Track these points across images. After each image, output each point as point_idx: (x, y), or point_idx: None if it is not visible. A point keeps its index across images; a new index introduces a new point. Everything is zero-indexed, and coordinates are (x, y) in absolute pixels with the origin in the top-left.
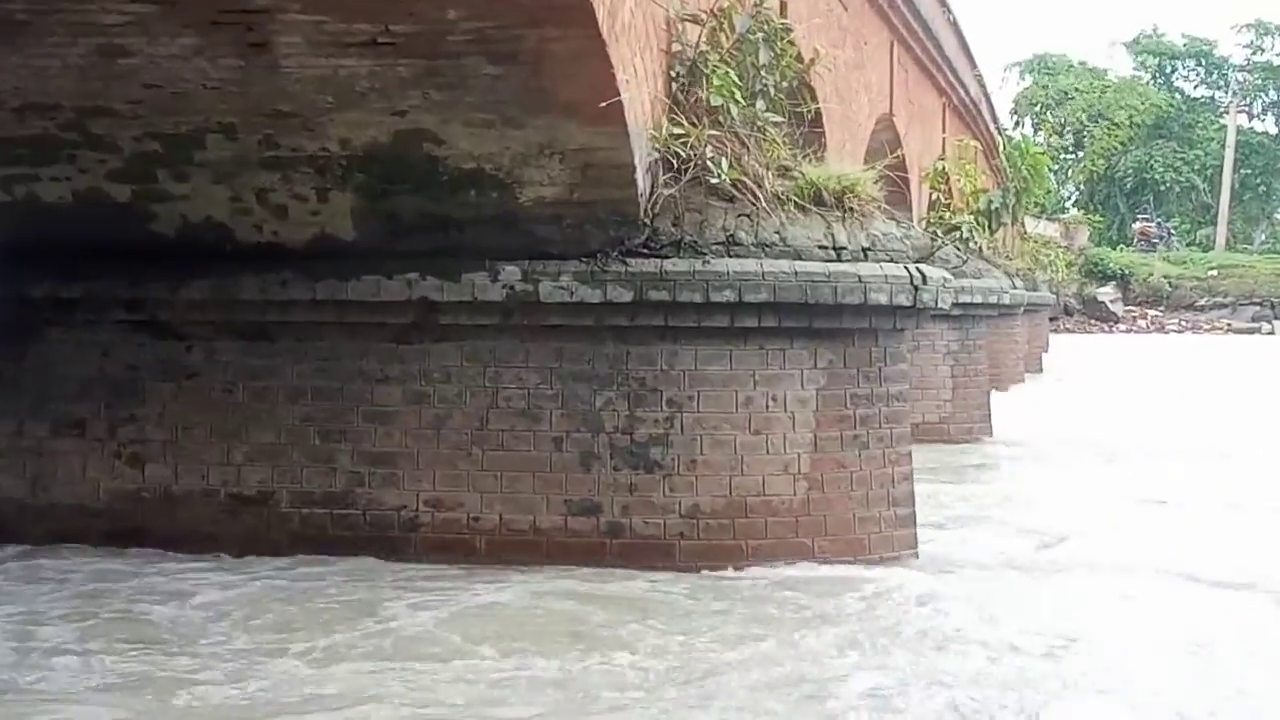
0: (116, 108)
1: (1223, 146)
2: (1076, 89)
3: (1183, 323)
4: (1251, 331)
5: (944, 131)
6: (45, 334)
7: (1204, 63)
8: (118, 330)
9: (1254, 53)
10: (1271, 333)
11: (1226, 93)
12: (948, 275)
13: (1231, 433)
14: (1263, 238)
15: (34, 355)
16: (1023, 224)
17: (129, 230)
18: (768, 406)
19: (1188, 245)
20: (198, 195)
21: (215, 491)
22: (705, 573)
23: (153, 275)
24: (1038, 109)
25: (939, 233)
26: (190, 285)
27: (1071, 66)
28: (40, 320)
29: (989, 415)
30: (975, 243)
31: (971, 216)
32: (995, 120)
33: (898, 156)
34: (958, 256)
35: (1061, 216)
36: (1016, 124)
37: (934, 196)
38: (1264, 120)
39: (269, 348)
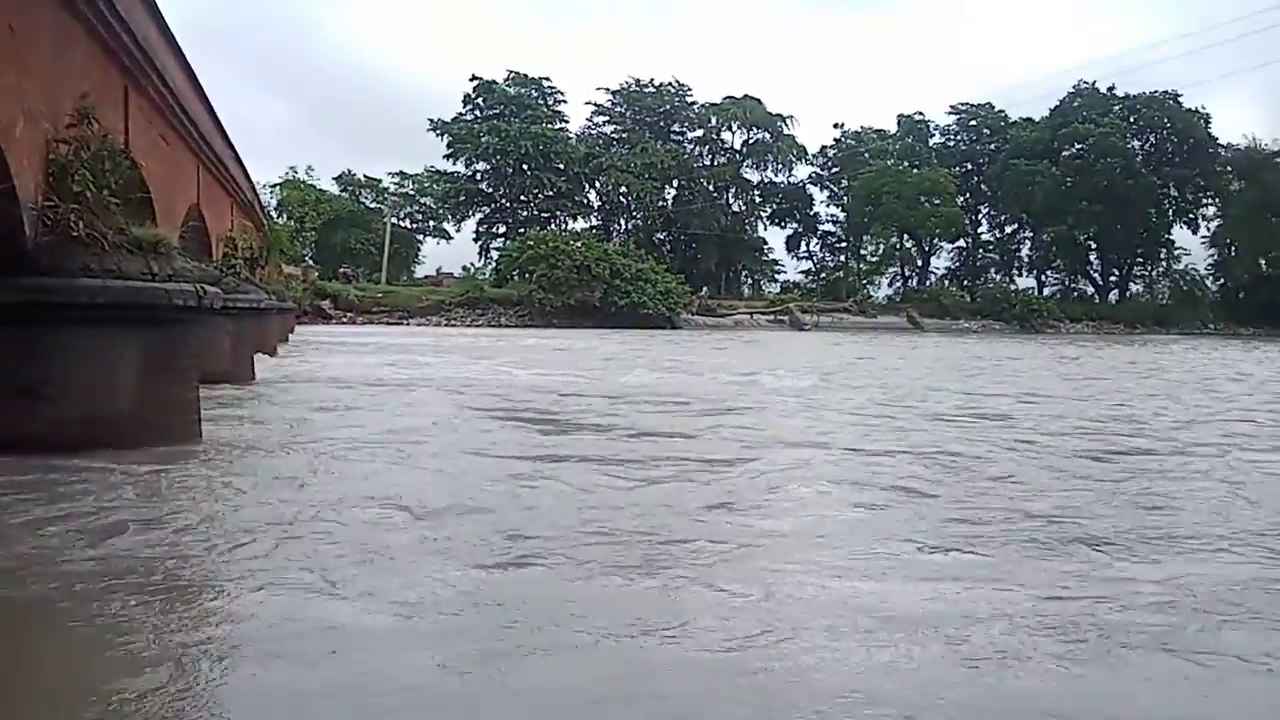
0: None
1: (382, 233)
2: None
3: (365, 319)
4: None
5: (232, 215)
6: None
7: (373, 188)
8: None
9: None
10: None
11: (386, 207)
12: (219, 290)
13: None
14: (405, 278)
15: None
16: (279, 266)
17: None
18: (113, 359)
19: (368, 280)
20: None
21: None
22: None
23: None
24: (291, 206)
25: (224, 269)
26: None
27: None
28: None
29: (253, 362)
30: (243, 275)
31: (242, 261)
32: (264, 210)
33: (189, 225)
34: (234, 281)
35: (301, 263)
36: (279, 214)
37: (226, 250)
38: (404, 221)
39: None
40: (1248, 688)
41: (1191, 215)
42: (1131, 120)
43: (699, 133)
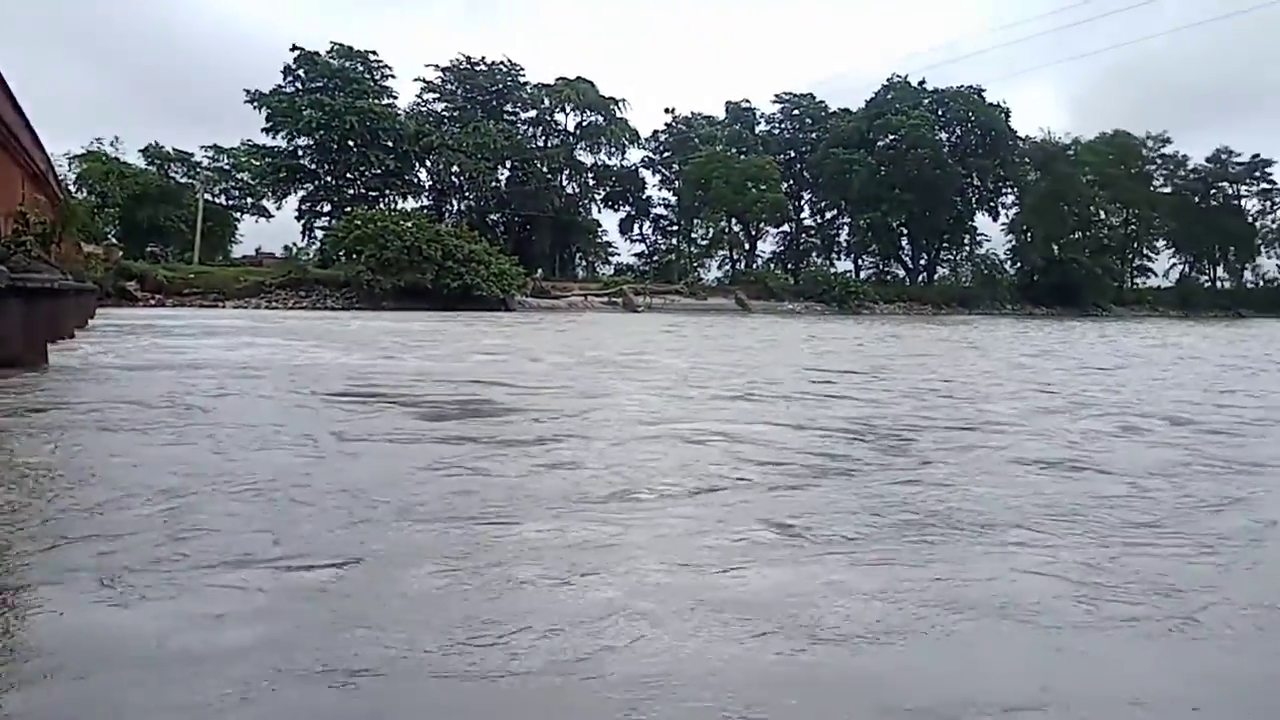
0: None
1: (195, 210)
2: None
3: (176, 301)
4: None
5: (23, 188)
6: None
7: (184, 162)
8: None
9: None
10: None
11: (198, 182)
12: (6, 269)
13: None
14: (220, 258)
15: None
16: (77, 244)
17: None
18: None
19: (179, 260)
20: None
21: None
22: None
23: None
24: (93, 181)
25: (13, 246)
26: None
27: (117, 158)
28: None
29: (47, 346)
30: (35, 253)
31: (34, 239)
32: (60, 186)
33: None
34: (25, 259)
35: (103, 242)
36: (79, 189)
37: (16, 226)
38: (219, 198)
39: None
40: (1102, 656)
41: (992, 203)
42: (940, 113)
43: (532, 114)
